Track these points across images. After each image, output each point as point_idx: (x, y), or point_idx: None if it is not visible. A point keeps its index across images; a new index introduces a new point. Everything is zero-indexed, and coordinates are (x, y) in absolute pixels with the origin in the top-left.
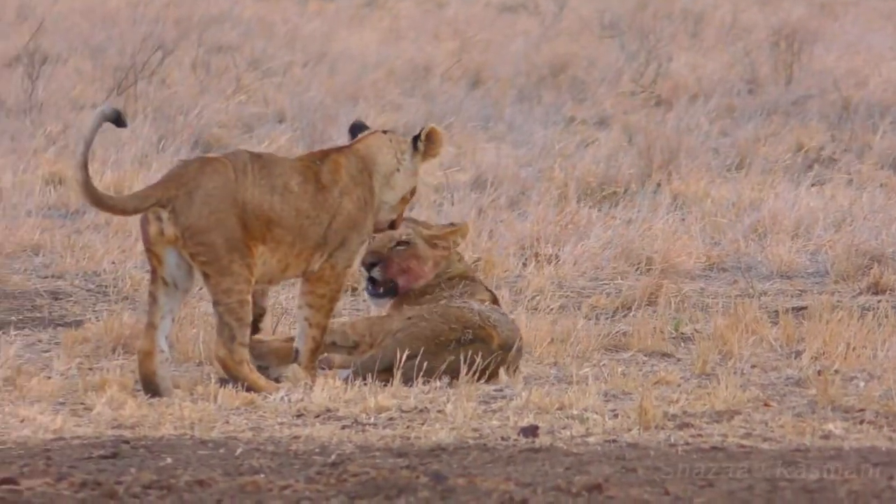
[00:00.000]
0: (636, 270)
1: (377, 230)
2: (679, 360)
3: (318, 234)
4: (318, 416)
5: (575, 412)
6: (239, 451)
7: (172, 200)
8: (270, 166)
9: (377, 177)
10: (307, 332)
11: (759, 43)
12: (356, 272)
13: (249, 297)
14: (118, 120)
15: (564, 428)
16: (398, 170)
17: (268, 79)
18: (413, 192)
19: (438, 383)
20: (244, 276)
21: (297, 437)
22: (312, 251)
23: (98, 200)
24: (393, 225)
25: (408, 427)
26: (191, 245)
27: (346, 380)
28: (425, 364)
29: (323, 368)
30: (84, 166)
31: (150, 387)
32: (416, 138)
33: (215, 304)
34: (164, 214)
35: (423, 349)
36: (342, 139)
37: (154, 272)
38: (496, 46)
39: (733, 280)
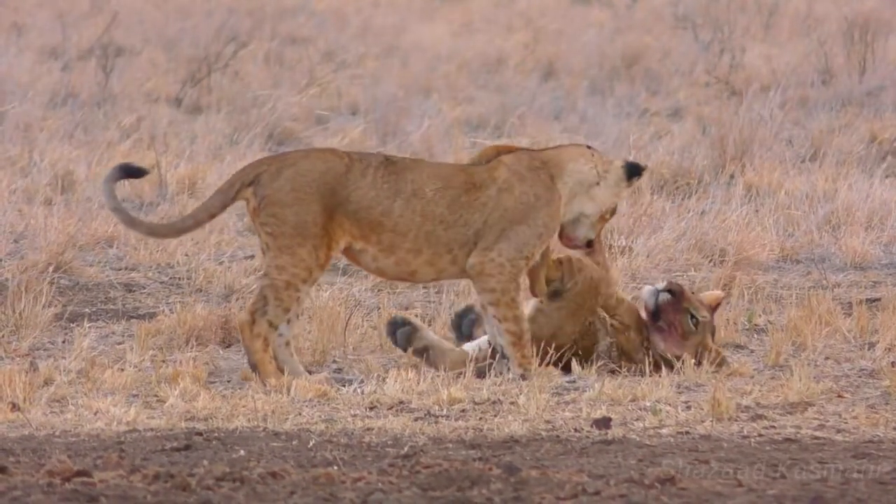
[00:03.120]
0: (709, 262)
1: (573, 246)
2: (752, 351)
3: (462, 236)
4: (390, 408)
5: (648, 404)
6: (312, 443)
7: (261, 175)
8: (403, 171)
9: (566, 182)
10: (501, 328)
11: (832, 34)
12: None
13: (301, 286)
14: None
15: (637, 420)
16: (598, 184)
17: (341, 71)
18: (613, 212)
19: (510, 375)
20: (306, 262)
21: (369, 429)
22: (456, 253)
23: (175, 230)
24: (590, 244)
25: (480, 419)
26: (262, 215)
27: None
28: None
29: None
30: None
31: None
32: (632, 170)
33: (264, 275)
34: (250, 191)
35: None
36: (414, 131)
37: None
38: (569, 38)
39: (807, 272)
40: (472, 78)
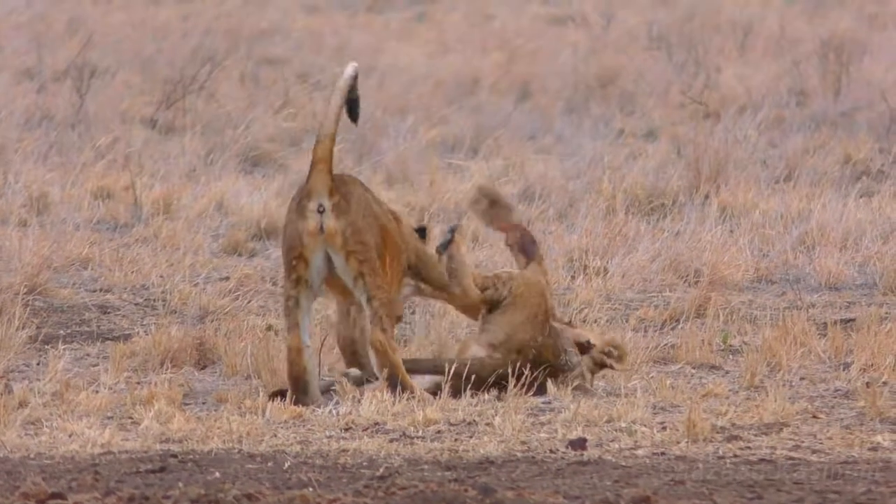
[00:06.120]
0: (684, 282)
1: None
2: (727, 372)
3: (404, 260)
4: (366, 430)
5: (623, 425)
6: (287, 464)
7: (332, 197)
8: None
9: None
10: None
11: (807, 54)
12: None
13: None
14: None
15: (613, 440)
16: None
17: (317, 92)
18: None
19: (486, 396)
20: (389, 277)
21: (345, 451)
22: (400, 274)
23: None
24: None
25: (456, 440)
26: (351, 243)
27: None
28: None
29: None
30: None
31: (300, 384)
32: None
33: (371, 299)
34: (328, 203)
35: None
36: (390, 152)
37: (298, 277)
38: (544, 58)
39: (781, 292)
40: (448, 98)
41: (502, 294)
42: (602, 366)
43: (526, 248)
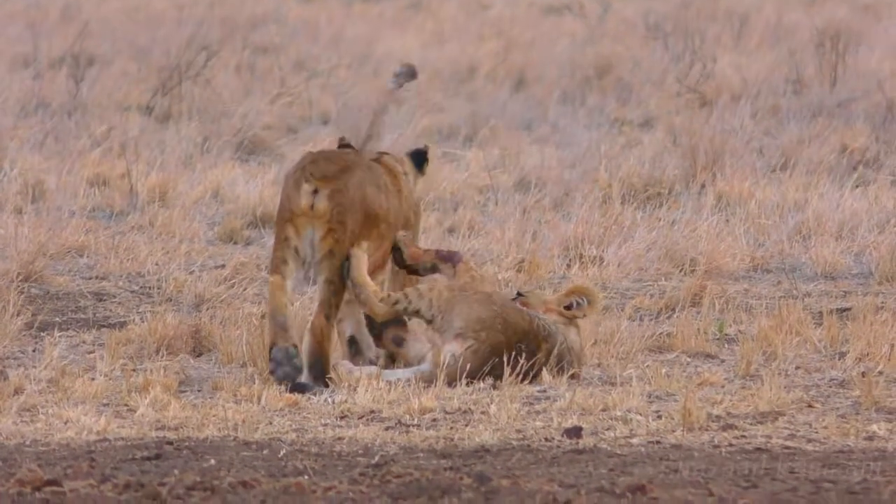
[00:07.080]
0: (680, 272)
1: None
2: (723, 361)
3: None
4: (361, 418)
5: (619, 413)
6: (282, 452)
7: (330, 184)
8: (371, 165)
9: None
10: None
11: (803, 44)
12: None
13: None
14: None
15: (608, 429)
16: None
17: (312, 80)
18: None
19: (482, 384)
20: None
21: (340, 439)
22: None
23: None
24: None
25: (451, 428)
26: (333, 222)
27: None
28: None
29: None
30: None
31: (279, 320)
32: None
33: (328, 281)
34: (325, 189)
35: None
36: (385, 141)
37: (287, 237)
38: (540, 48)
39: (777, 281)
40: (444, 87)
41: (418, 306)
42: (573, 318)
43: (446, 258)
